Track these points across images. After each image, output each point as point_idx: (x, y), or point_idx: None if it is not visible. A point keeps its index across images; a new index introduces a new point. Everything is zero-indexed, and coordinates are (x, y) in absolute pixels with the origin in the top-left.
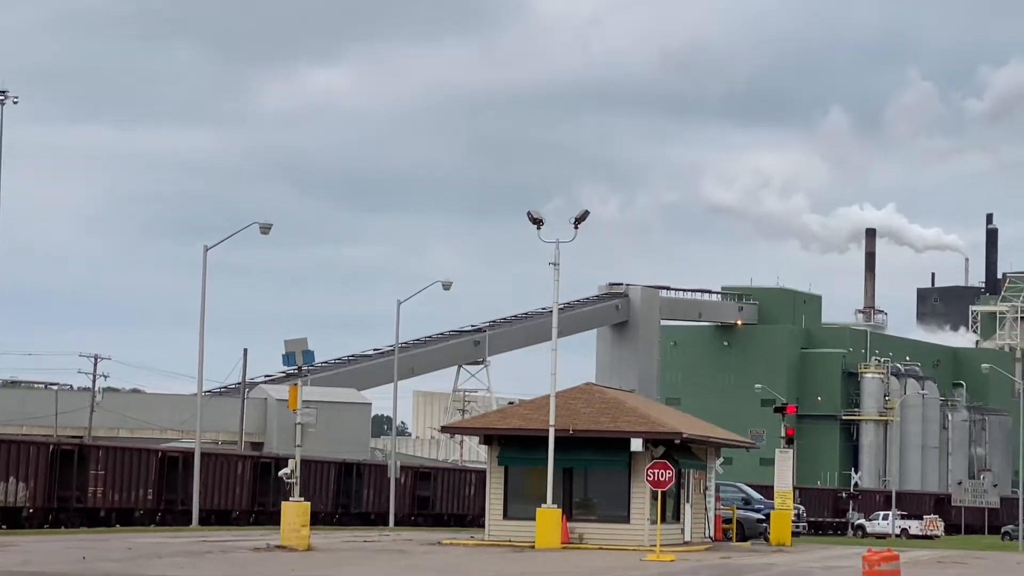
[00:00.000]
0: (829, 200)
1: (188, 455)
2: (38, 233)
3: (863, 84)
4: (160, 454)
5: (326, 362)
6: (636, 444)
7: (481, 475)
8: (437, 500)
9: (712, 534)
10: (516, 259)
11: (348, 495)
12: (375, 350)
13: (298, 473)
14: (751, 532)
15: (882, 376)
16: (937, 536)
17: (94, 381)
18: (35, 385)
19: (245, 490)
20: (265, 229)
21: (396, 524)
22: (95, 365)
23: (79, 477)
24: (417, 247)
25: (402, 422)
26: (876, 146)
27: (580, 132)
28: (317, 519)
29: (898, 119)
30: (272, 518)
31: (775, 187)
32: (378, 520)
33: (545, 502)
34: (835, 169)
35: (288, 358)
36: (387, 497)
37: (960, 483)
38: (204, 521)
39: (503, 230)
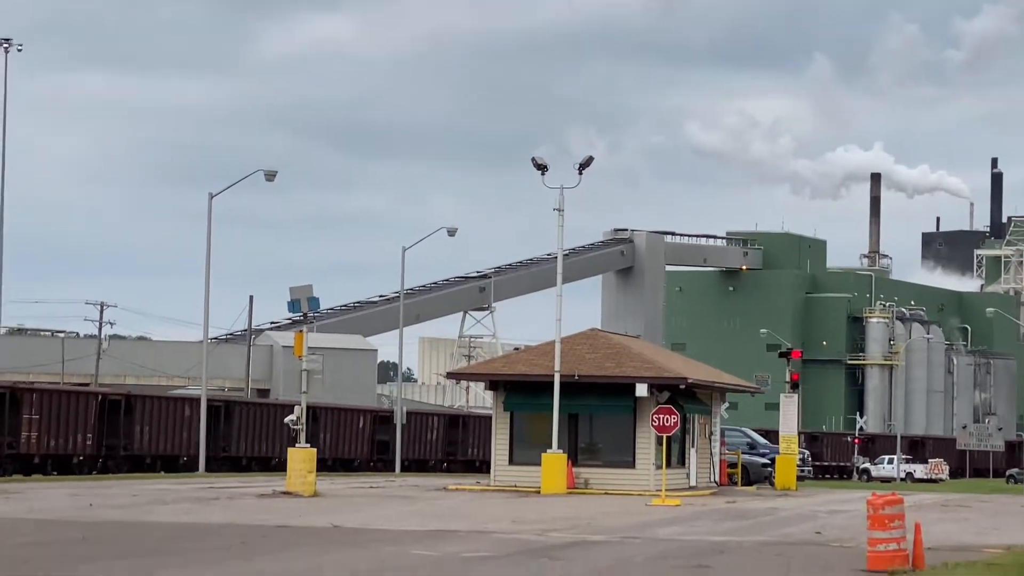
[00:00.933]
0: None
1: (230, 403)
2: (41, 182)
3: (850, 30)
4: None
5: (331, 309)
6: (641, 389)
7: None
8: (469, 446)
9: (717, 479)
10: (518, 206)
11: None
12: (380, 297)
13: (304, 419)
14: (756, 477)
15: (887, 321)
16: (942, 480)
17: (100, 328)
18: (42, 333)
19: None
20: (270, 176)
21: (436, 470)
22: (101, 312)
23: (126, 426)
24: (419, 194)
25: (408, 368)
26: (865, 92)
27: (578, 79)
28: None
29: (887, 64)
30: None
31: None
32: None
33: (551, 447)
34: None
35: (293, 305)
36: (426, 444)
37: (965, 427)
38: (246, 468)
39: (505, 177)
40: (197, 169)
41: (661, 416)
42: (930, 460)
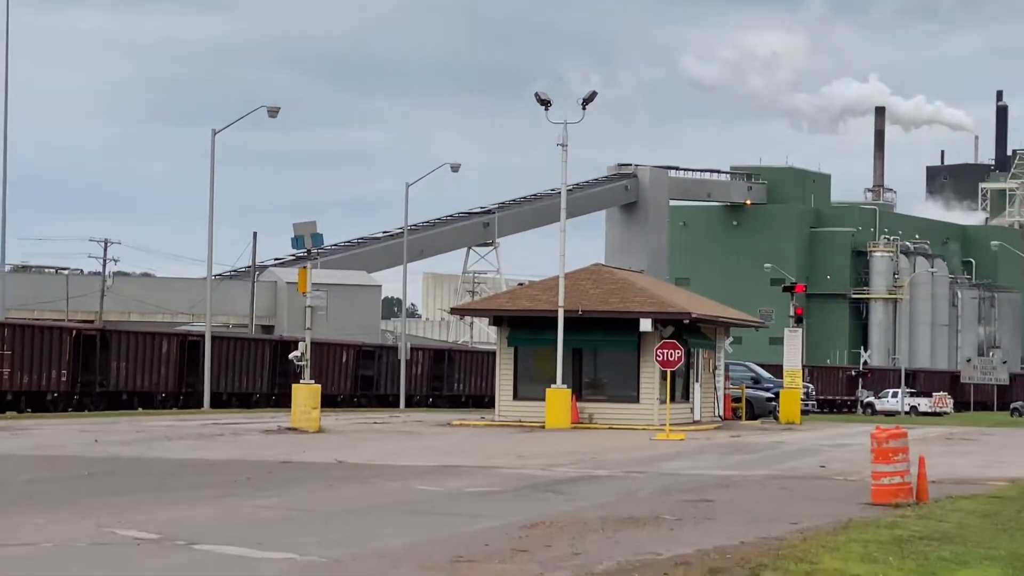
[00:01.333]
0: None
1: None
2: (44, 119)
3: None
4: (181, 339)
5: (335, 245)
6: (645, 324)
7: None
8: (455, 381)
9: (721, 413)
10: (521, 142)
11: (367, 378)
12: (384, 232)
13: (308, 355)
14: (760, 411)
15: (891, 254)
16: (946, 413)
17: (104, 265)
18: (46, 270)
19: (265, 373)
20: (273, 113)
21: (421, 405)
22: (105, 249)
23: (102, 362)
24: (421, 131)
25: (412, 304)
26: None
27: (578, 12)
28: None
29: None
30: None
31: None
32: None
33: (555, 382)
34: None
35: (297, 241)
36: (418, 379)
37: (969, 360)
38: (226, 404)
39: (507, 112)
40: (199, 106)
41: (665, 351)
42: (934, 394)
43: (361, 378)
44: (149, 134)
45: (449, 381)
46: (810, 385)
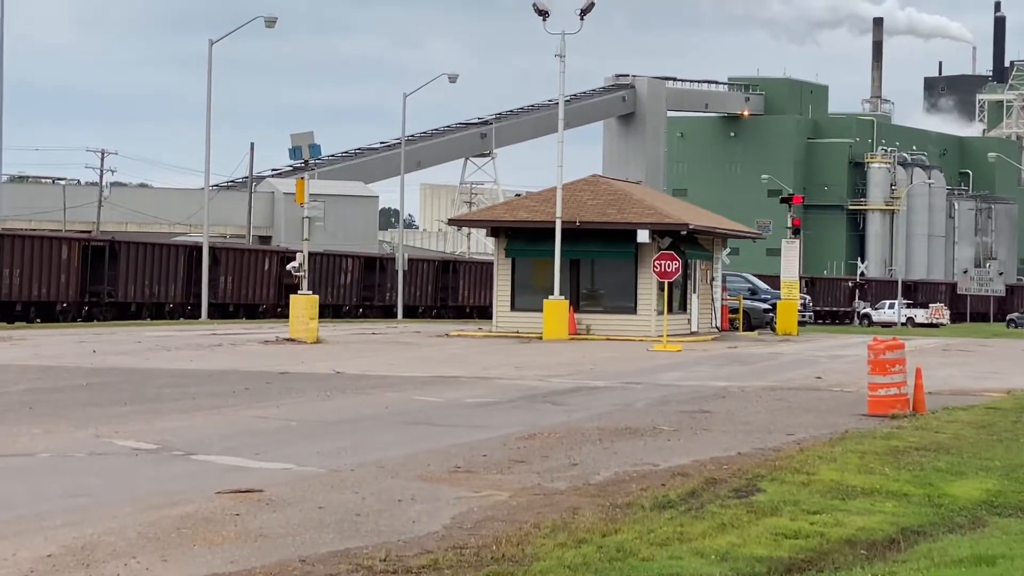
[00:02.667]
0: None
1: (215, 249)
2: (39, 27)
3: None
4: (188, 250)
5: (333, 155)
6: (643, 235)
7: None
8: (460, 292)
9: (719, 324)
10: (518, 51)
11: (371, 288)
12: (382, 143)
13: (306, 266)
14: (758, 322)
15: (888, 166)
16: (943, 324)
17: (101, 176)
18: (43, 180)
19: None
20: (270, 23)
21: (426, 316)
22: (102, 160)
23: (111, 272)
24: (416, 39)
25: (409, 215)
26: None
27: None
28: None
29: None
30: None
31: None
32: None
33: (552, 294)
34: None
35: (295, 152)
36: (423, 290)
37: (966, 272)
38: (233, 315)
39: (503, 22)
40: (191, 15)
41: (663, 262)
42: (931, 305)
43: (365, 288)
44: (143, 44)
45: (454, 292)
46: (807, 296)
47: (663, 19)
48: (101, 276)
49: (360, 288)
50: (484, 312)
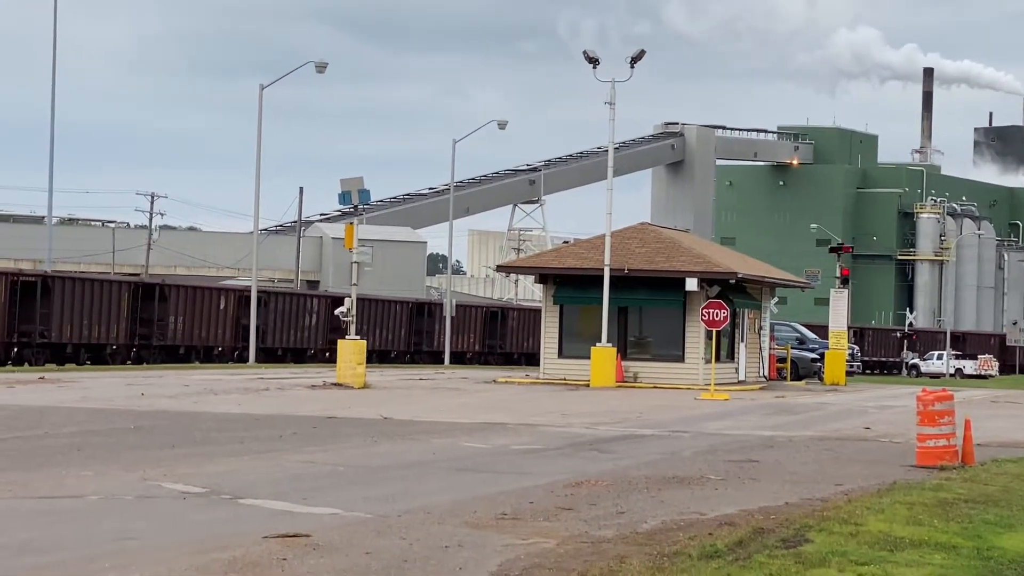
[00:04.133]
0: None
1: (264, 293)
2: (90, 72)
3: None
4: (236, 294)
5: (381, 201)
6: (691, 283)
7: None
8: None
9: (766, 373)
10: (564, 100)
11: (420, 333)
12: (430, 189)
13: (354, 311)
14: (805, 371)
15: (938, 216)
16: (991, 376)
17: (151, 219)
18: (92, 223)
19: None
20: (321, 68)
21: (474, 363)
22: (151, 203)
23: (160, 315)
24: (461, 88)
25: (457, 261)
26: None
27: None
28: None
29: None
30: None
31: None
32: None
33: (600, 341)
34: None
35: (344, 197)
36: (472, 336)
37: (1015, 323)
38: (280, 359)
39: (548, 71)
40: (243, 59)
41: (711, 310)
42: (979, 356)
43: (415, 334)
44: (194, 87)
45: (502, 338)
46: (855, 346)
47: (711, 68)
48: (151, 319)
49: (410, 333)
50: (532, 359)
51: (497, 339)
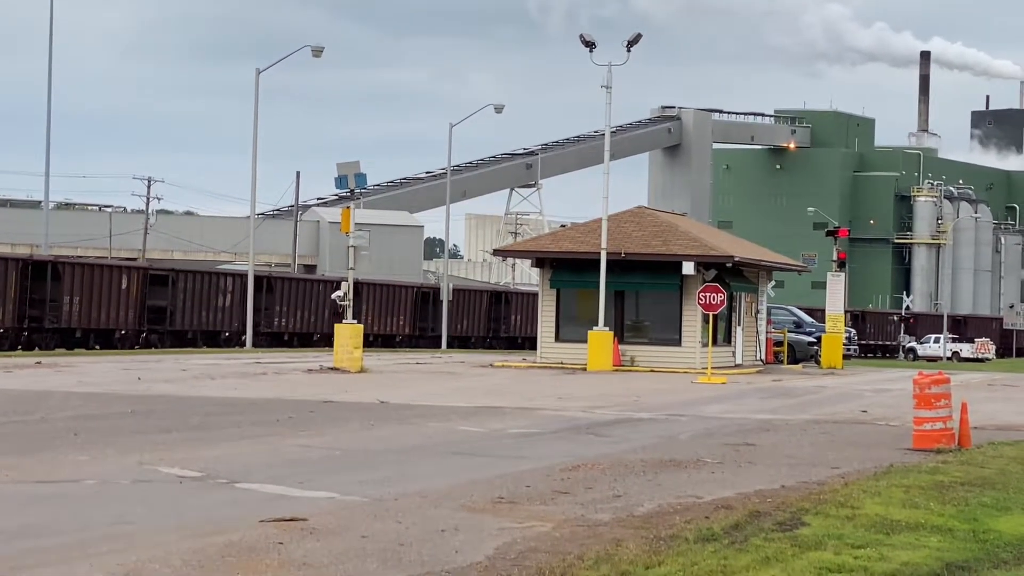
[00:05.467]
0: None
1: (271, 279)
2: (86, 57)
3: None
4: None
5: (378, 185)
6: (688, 267)
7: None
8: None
9: (763, 357)
10: (561, 84)
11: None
12: (427, 173)
13: (351, 295)
14: (802, 355)
15: (935, 199)
16: (988, 359)
17: (147, 203)
18: (89, 207)
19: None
20: (317, 52)
21: (478, 347)
22: (148, 187)
23: (167, 300)
24: (457, 72)
25: (454, 245)
26: None
27: None
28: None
29: None
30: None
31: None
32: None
33: (597, 325)
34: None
35: (340, 181)
36: (475, 321)
37: (1012, 306)
38: (287, 343)
39: (544, 54)
40: (240, 43)
41: (707, 294)
42: (976, 339)
43: (419, 319)
44: (190, 72)
45: (505, 322)
46: (852, 330)
47: (707, 52)
48: (159, 304)
49: (413, 318)
50: (535, 343)
51: (500, 323)
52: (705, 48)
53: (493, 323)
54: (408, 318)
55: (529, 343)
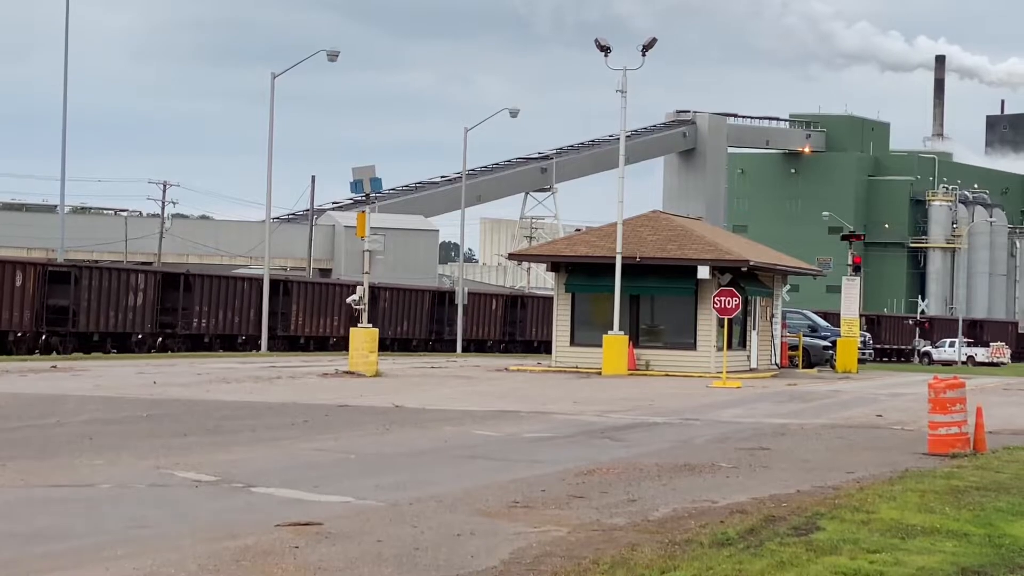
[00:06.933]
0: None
1: (287, 282)
2: (101, 60)
3: None
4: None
5: (393, 189)
6: (703, 271)
7: (507, 299)
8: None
9: (778, 361)
10: (575, 89)
11: (441, 322)
12: (442, 177)
13: (366, 299)
14: (817, 359)
15: (950, 203)
16: (1004, 363)
17: (163, 207)
18: (105, 211)
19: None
20: (333, 56)
21: (494, 351)
22: (164, 191)
23: (185, 304)
24: (470, 76)
25: (469, 249)
26: None
27: None
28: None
29: None
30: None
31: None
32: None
33: (612, 329)
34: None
35: (356, 185)
36: (491, 324)
37: None
38: (303, 347)
39: (558, 58)
40: (255, 47)
41: (723, 298)
42: (991, 343)
43: (436, 322)
44: (206, 76)
45: (522, 326)
46: (867, 334)
47: (724, 55)
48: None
49: (430, 322)
50: (551, 346)
51: (516, 327)
52: (722, 49)
53: (509, 327)
54: (424, 322)
55: (544, 347)
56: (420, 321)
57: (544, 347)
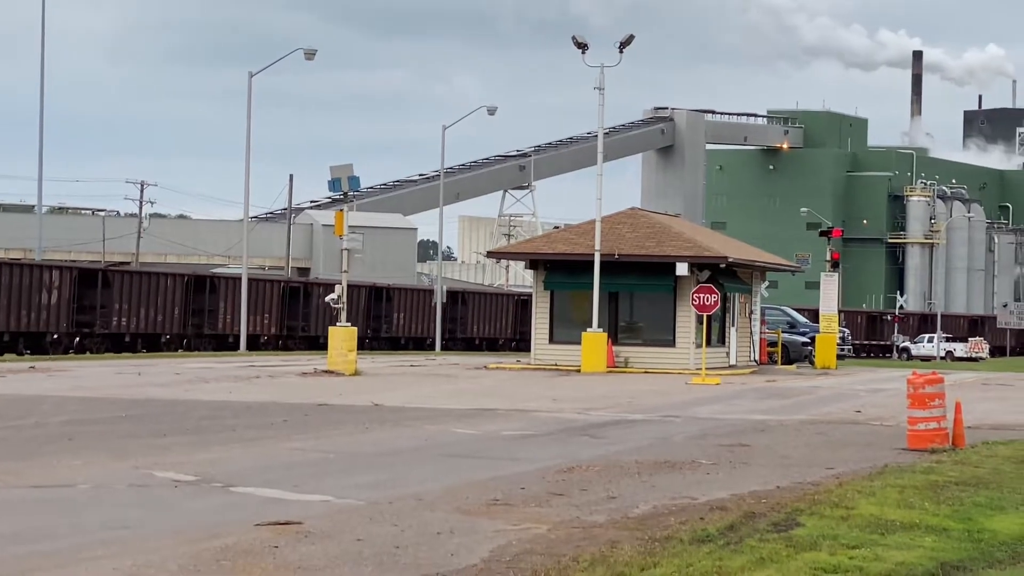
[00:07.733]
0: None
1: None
2: (77, 60)
3: None
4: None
5: (371, 188)
6: (682, 268)
7: (518, 299)
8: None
9: (757, 358)
10: (552, 86)
11: (379, 319)
12: (420, 175)
13: (344, 298)
14: (796, 355)
15: (928, 199)
16: (982, 358)
17: (141, 207)
18: (82, 211)
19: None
20: (310, 55)
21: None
22: (141, 191)
23: (210, 305)
24: (445, 74)
25: (448, 247)
26: None
27: None
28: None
29: None
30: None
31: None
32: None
33: (591, 326)
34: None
35: (334, 184)
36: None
37: (1005, 305)
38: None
39: (533, 56)
40: (231, 47)
41: (701, 295)
42: (970, 339)
43: (447, 320)
44: (183, 75)
45: (463, 323)
46: (846, 330)
47: (701, 53)
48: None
49: (429, 321)
50: (492, 344)
51: (457, 324)
52: (698, 47)
53: (450, 323)
54: (412, 321)
55: (487, 344)
56: (425, 320)
57: (487, 344)
